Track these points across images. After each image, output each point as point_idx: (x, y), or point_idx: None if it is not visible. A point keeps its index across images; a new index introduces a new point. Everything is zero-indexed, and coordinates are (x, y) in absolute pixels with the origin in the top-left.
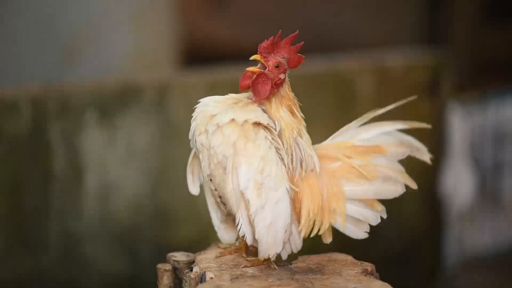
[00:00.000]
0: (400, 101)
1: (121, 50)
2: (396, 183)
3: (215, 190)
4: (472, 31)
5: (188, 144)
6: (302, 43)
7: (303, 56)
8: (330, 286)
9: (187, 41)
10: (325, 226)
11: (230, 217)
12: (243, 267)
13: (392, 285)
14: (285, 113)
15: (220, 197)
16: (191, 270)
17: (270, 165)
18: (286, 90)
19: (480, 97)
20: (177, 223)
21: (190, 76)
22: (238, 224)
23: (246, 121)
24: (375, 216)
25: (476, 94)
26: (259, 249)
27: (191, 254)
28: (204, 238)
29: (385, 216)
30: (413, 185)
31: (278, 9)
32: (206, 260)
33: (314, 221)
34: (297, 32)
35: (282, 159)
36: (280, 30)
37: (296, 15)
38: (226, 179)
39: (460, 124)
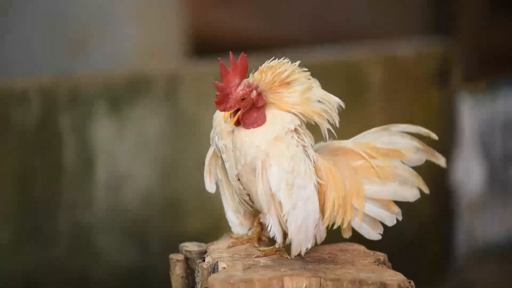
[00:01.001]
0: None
1: (129, 41)
2: (413, 187)
3: (244, 189)
4: (481, 21)
5: (198, 135)
6: (230, 55)
7: (242, 54)
8: (343, 276)
9: (195, 32)
10: (348, 218)
11: (248, 213)
12: (255, 257)
13: (401, 273)
14: (289, 96)
15: (248, 195)
16: (204, 260)
17: (299, 164)
18: (265, 86)
19: (489, 87)
20: (188, 214)
21: (200, 66)
22: (268, 226)
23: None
24: (391, 217)
25: (486, 84)
26: (291, 247)
27: (203, 244)
28: (214, 229)
29: (400, 218)
30: (426, 190)
31: (284, 0)
32: (218, 250)
33: (337, 213)
34: (219, 59)
35: (308, 156)
36: (215, 82)
37: (303, 6)
38: (256, 180)
39: (470, 114)
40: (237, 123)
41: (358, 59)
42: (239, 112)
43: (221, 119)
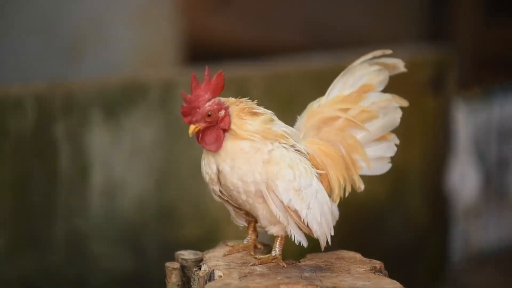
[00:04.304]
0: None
1: (124, 48)
2: (395, 109)
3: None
4: (476, 27)
5: (193, 142)
6: (206, 70)
7: (220, 72)
8: (339, 284)
9: (190, 38)
10: (355, 180)
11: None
12: (251, 265)
13: (397, 281)
14: (251, 124)
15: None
16: (200, 269)
17: (297, 166)
18: (235, 110)
19: (484, 93)
20: (183, 221)
21: (195, 73)
22: (291, 235)
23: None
24: (390, 146)
25: (481, 90)
26: (320, 242)
27: (199, 252)
28: (210, 236)
29: (398, 142)
30: (405, 103)
31: (280, 6)
32: (214, 258)
33: (345, 184)
34: (192, 72)
35: (300, 151)
36: (182, 91)
37: (299, 12)
38: (266, 203)
39: (465, 121)
40: (197, 136)
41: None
42: (201, 125)
43: (205, 168)
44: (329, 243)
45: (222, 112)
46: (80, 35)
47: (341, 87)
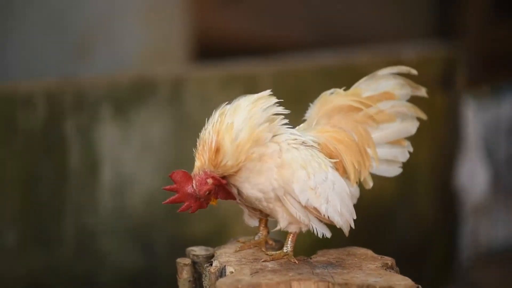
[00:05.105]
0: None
1: (134, 44)
2: (413, 119)
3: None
4: (486, 24)
5: None
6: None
7: (172, 173)
8: (351, 280)
9: (199, 35)
10: (367, 166)
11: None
12: (263, 261)
13: (408, 278)
14: (227, 158)
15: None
16: (211, 265)
17: (310, 163)
18: (210, 165)
19: (493, 90)
20: (192, 217)
21: (204, 70)
22: (313, 230)
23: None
24: (403, 152)
25: (489, 87)
26: (344, 231)
27: (210, 248)
28: (219, 232)
29: (411, 150)
30: (424, 116)
31: (289, 2)
32: (226, 254)
33: (361, 167)
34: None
35: (311, 146)
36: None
37: (309, 9)
38: (285, 206)
39: (474, 118)
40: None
41: (362, 62)
42: (211, 195)
43: None
44: (353, 227)
45: (210, 180)
46: (90, 32)
47: (362, 88)
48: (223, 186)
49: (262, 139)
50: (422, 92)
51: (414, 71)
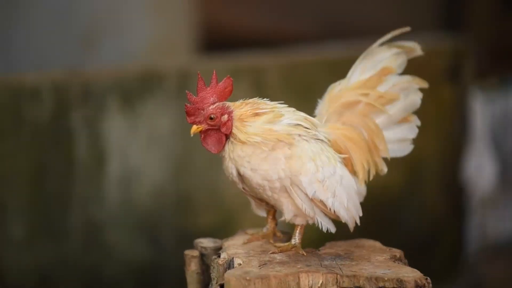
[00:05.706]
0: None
1: (141, 36)
2: (416, 91)
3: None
4: (493, 16)
5: None
6: (214, 73)
7: (228, 77)
8: (359, 272)
9: (206, 27)
10: (377, 163)
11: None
12: (271, 253)
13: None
14: (251, 126)
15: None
16: (219, 256)
17: (320, 157)
18: (237, 114)
19: (501, 82)
20: (199, 209)
21: (211, 62)
22: (318, 224)
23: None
24: (411, 128)
25: (497, 79)
26: (349, 226)
27: (218, 240)
28: (226, 225)
29: (419, 124)
30: (425, 84)
31: None
32: (234, 246)
33: (370, 168)
34: (199, 73)
35: (322, 140)
36: (187, 92)
37: (315, 1)
38: (291, 197)
39: (482, 110)
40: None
41: None
42: (203, 127)
43: (226, 170)
44: (358, 223)
45: (225, 117)
46: (97, 24)
47: (361, 71)
48: (222, 133)
49: (289, 140)
50: (417, 49)
51: (406, 28)
